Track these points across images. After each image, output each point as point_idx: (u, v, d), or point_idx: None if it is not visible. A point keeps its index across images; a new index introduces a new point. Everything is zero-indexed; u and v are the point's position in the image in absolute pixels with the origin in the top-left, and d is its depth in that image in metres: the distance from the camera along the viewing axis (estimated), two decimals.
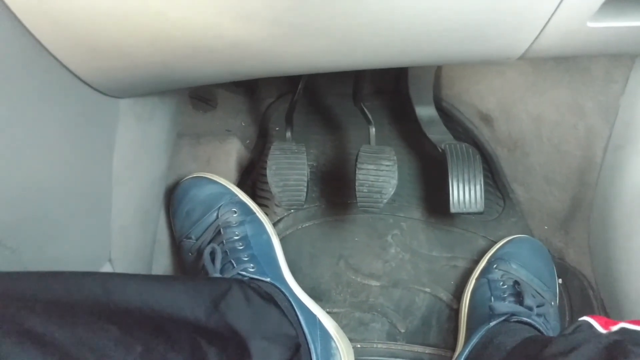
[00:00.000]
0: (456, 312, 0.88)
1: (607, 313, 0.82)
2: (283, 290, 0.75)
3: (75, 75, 0.51)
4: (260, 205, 0.90)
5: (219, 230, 0.80)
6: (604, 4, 0.49)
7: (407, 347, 0.86)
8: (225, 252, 0.77)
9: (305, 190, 0.79)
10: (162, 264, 0.88)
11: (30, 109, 0.47)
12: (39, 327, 0.40)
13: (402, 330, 0.88)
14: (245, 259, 0.76)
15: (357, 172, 0.78)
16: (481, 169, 0.86)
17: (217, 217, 0.82)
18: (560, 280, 0.90)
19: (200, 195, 0.84)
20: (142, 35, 0.46)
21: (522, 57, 0.57)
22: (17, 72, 0.44)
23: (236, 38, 0.47)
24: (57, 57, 0.48)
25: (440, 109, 1.03)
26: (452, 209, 0.84)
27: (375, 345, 0.86)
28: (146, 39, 0.47)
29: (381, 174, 0.78)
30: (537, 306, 0.76)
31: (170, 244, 0.89)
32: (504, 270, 0.83)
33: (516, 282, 0.80)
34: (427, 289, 0.91)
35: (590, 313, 0.83)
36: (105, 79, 0.54)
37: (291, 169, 0.78)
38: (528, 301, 0.75)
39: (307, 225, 0.95)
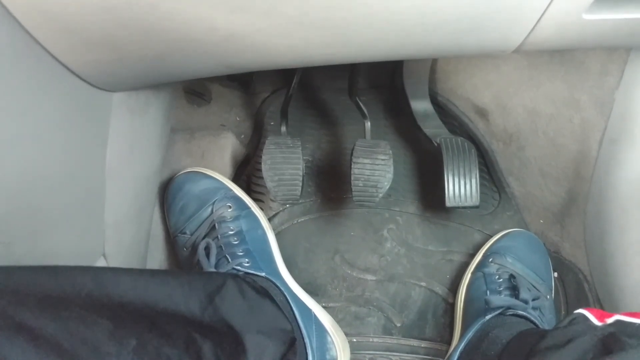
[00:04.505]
0: (452, 306, 0.89)
1: (602, 306, 0.83)
2: (278, 284, 0.75)
3: (68, 69, 0.50)
4: (255, 200, 0.90)
5: (214, 225, 0.80)
6: None
7: (403, 341, 0.86)
8: (220, 247, 0.77)
9: (301, 184, 0.78)
10: (157, 259, 0.88)
11: (22, 103, 0.46)
12: (31, 321, 0.40)
13: (398, 325, 0.88)
14: (240, 253, 0.76)
15: (352, 166, 0.78)
16: (476, 162, 0.86)
17: (212, 211, 0.82)
18: (555, 274, 0.90)
19: (194, 190, 0.84)
20: (134, 28, 0.46)
21: (517, 50, 0.57)
22: (8, 65, 0.44)
23: (230, 30, 0.47)
24: (50, 50, 0.47)
25: (435, 103, 1.03)
26: (448, 203, 0.84)
27: (371, 340, 0.86)
28: (138, 31, 0.46)
29: (377, 168, 0.78)
30: (533, 299, 0.76)
31: (164, 238, 0.89)
32: (500, 264, 0.83)
33: (512, 276, 0.80)
34: (423, 283, 0.91)
35: (586, 306, 0.83)
36: (98, 72, 0.53)
37: (286, 163, 0.78)
38: (524, 294, 0.76)
39: (302, 220, 0.95)
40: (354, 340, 0.86)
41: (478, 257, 0.88)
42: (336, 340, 0.78)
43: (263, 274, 0.75)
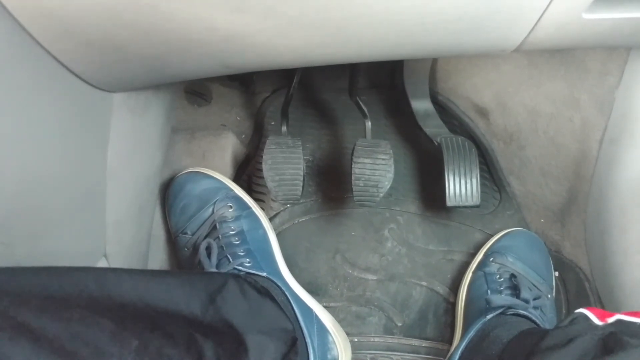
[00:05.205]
0: (453, 305, 0.89)
1: (603, 305, 0.83)
2: (279, 284, 0.75)
3: (69, 69, 0.51)
4: (256, 199, 0.90)
5: (215, 225, 0.80)
6: None
7: (404, 341, 0.86)
8: (221, 247, 0.77)
9: (302, 184, 0.78)
10: (158, 259, 0.88)
11: (23, 103, 0.46)
12: (32, 321, 0.40)
13: (399, 324, 0.88)
14: (242, 253, 0.76)
15: (353, 166, 0.78)
16: (477, 162, 0.86)
17: (213, 212, 0.82)
18: (556, 273, 0.90)
19: (195, 190, 0.84)
20: (135, 29, 0.46)
21: (517, 50, 0.57)
22: (8, 65, 0.44)
23: (230, 31, 0.47)
24: (50, 51, 0.47)
25: (435, 102, 1.03)
26: (449, 203, 0.84)
27: (372, 339, 0.87)
28: (139, 32, 0.46)
29: (377, 167, 0.78)
30: (534, 299, 0.76)
31: (166, 239, 0.89)
32: (501, 263, 0.83)
33: (512, 275, 0.80)
34: (424, 283, 0.91)
35: (587, 305, 0.83)
36: (98, 72, 0.53)
37: (287, 163, 0.78)
38: (524, 294, 0.76)
39: (303, 219, 0.95)
40: (355, 339, 0.86)
41: (479, 257, 0.88)
42: (337, 340, 0.78)
43: (264, 274, 0.75)
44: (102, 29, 0.46)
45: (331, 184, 0.97)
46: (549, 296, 0.82)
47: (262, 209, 0.89)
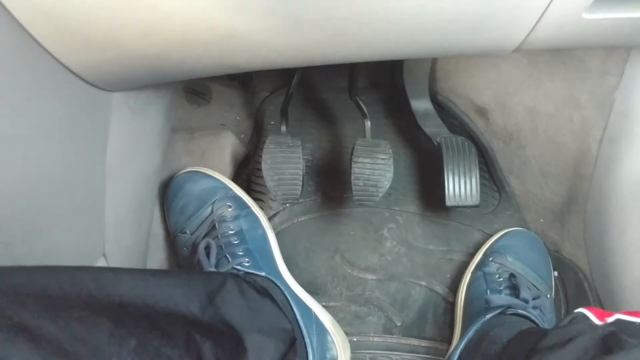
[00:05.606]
0: (452, 305, 0.89)
1: (603, 305, 0.83)
2: (278, 284, 0.75)
3: (68, 69, 0.50)
4: (255, 199, 0.90)
5: (214, 225, 0.80)
6: None
7: (403, 340, 0.86)
8: (220, 246, 0.77)
9: (301, 184, 0.78)
10: (157, 259, 0.88)
11: (22, 103, 0.46)
12: (30, 321, 0.40)
13: (398, 324, 0.88)
14: (241, 253, 0.76)
15: (352, 165, 0.78)
16: (477, 162, 0.86)
17: (212, 211, 0.82)
18: (555, 273, 0.90)
19: (194, 189, 0.84)
20: (135, 28, 0.46)
21: (517, 49, 0.57)
22: (8, 65, 0.44)
23: (230, 30, 0.47)
24: (50, 50, 0.47)
25: (435, 102, 1.03)
26: (448, 202, 0.84)
27: (371, 339, 0.86)
28: (139, 31, 0.46)
29: (377, 167, 0.78)
30: (533, 298, 0.76)
31: (165, 238, 0.89)
32: (500, 263, 0.83)
33: (512, 275, 0.80)
34: (423, 283, 0.91)
35: (586, 305, 0.83)
36: (98, 72, 0.53)
37: (286, 163, 0.78)
38: (524, 294, 0.76)
39: (302, 219, 0.95)
40: (355, 339, 0.86)
41: (478, 256, 0.88)
42: (336, 340, 0.78)
43: (263, 274, 0.75)
44: (102, 28, 0.46)
45: (330, 183, 0.97)
46: (548, 296, 0.82)
47: (262, 208, 0.89)
